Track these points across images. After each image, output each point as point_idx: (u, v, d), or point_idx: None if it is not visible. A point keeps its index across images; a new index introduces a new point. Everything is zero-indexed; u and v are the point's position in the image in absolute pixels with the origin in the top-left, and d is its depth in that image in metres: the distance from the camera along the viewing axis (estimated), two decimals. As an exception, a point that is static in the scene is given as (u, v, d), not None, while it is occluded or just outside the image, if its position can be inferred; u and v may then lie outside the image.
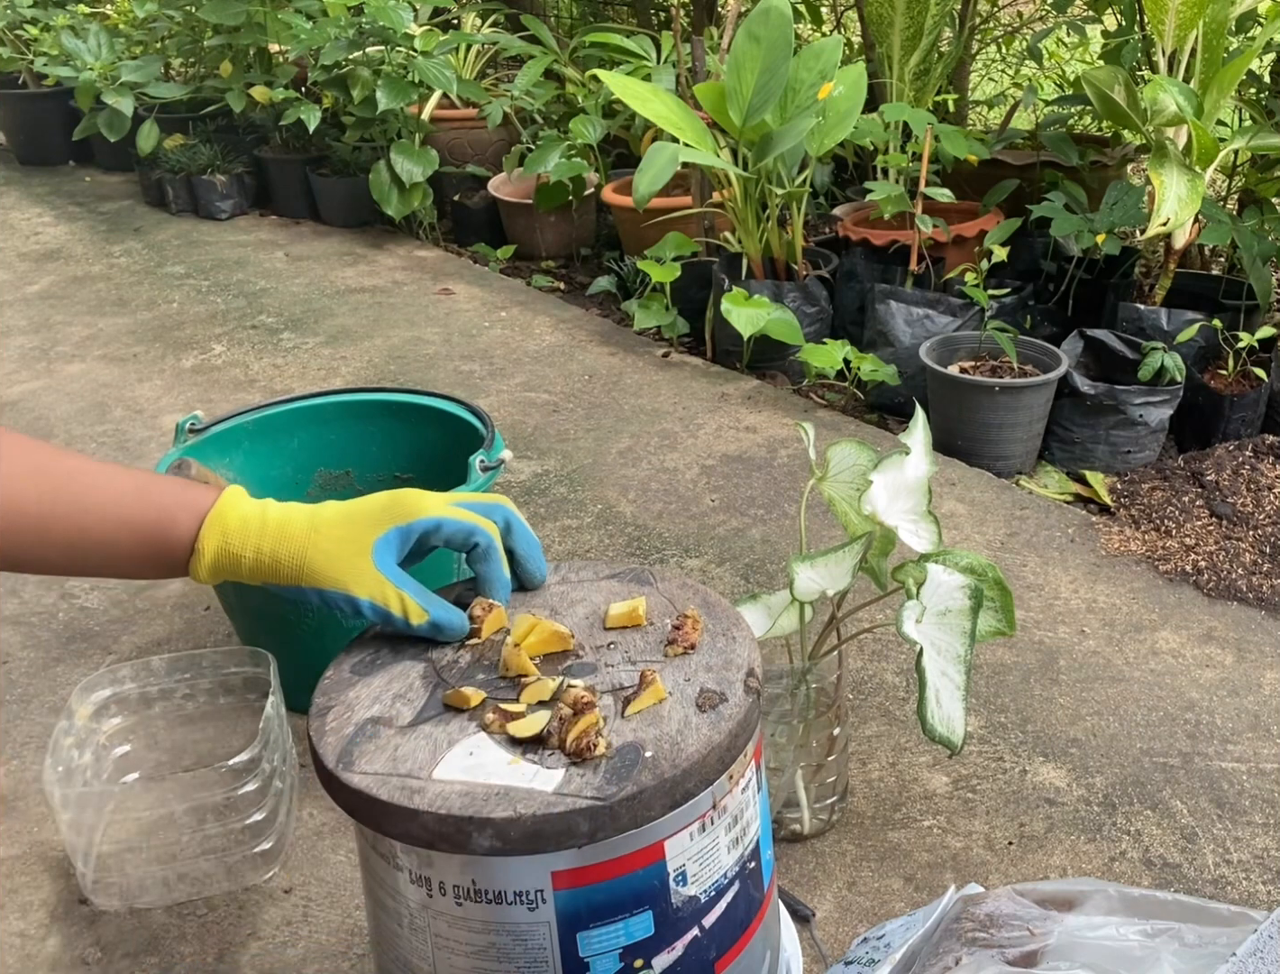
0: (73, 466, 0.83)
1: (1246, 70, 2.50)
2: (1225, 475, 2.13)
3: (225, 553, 0.83)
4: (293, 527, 0.83)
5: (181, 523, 0.83)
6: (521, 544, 0.90)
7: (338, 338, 2.96)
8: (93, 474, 0.83)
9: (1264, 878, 1.31)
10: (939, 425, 2.29)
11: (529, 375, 2.71)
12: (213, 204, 4.01)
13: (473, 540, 0.84)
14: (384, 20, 3.33)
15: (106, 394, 2.67)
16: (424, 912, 0.76)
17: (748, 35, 2.51)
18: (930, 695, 1.09)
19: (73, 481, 0.81)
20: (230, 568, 0.83)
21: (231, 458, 1.61)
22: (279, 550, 0.82)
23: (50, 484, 0.80)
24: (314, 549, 0.82)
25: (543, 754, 0.75)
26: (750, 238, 2.72)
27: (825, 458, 1.28)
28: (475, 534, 0.84)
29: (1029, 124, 3.82)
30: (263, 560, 0.82)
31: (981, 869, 1.33)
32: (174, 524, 0.83)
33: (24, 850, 1.40)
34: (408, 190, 3.47)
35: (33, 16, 4.57)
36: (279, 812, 1.36)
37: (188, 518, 0.83)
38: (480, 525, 0.85)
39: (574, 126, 3.33)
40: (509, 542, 0.89)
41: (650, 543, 2.01)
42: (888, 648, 1.71)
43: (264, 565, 0.82)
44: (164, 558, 0.83)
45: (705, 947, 0.79)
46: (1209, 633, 1.74)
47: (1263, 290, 2.40)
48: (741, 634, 0.86)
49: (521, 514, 0.90)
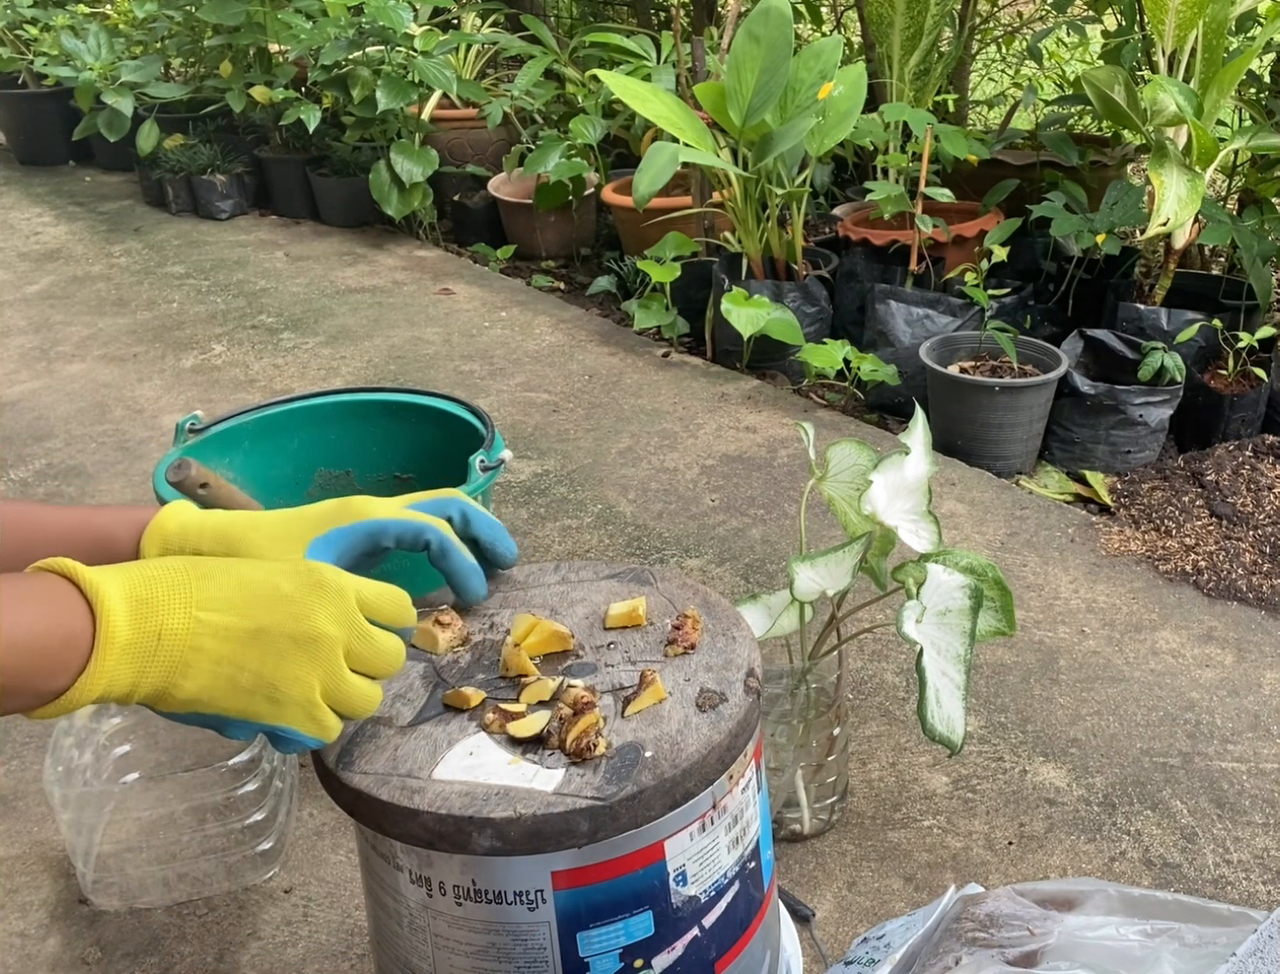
0: (21, 509, 0.84)
1: (1246, 70, 2.50)
2: (1225, 475, 2.13)
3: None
4: (232, 529, 0.83)
5: (121, 538, 0.83)
6: (483, 530, 0.89)
7: (338, 338, 2.97)
8: (40, 512, 0.84)
9: (1264, 878, 1.31)
10: (939, 425, 2.29)
11: (529, 375, 2.71)
12: (213, 204, 4.01)
13: (423, 538, 0.83)
14: (384, 20, 3.33)
15: (106, 394, 2.67)
16: (424, 912, 0.76)
17: (748, 35, 2.52)
18: (930, 695, 1.09)
19: (22, 521, 0.83)
20: None
21: (231, 458, 1.61)
22: (216, 550, 0.82)
23: (0, 525, 0.81)
24: (247, 546, 0.81)
25: (543, 754, 0.75)
26: (750, 238, 2.72)
27: (825, 458, 1.28)
28: (424, 532, 0.83)
29: (1029, 124, 3.82)
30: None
31: (981, 869, 1.33)
32: (114, 541, 0.83)
33: (24, 850, 1.40)
34: (408, 190, 3.47)
35: (33, 16, 4.58)
36: (279, 812, 1.36)
37: (127, 532, 0.83)
38: (428, 523, 0.84)
39: (574, 126, 3.34)
40: (470, 531, 0.88)
41: (650, 543, 2.01)
42: (888, 648, 1.71)
43: None
44: None
45: (705, 947, 0.79)
46: (1209, 633, 1.74)
47: (1263, 290, 2.40)
48: (741, 634, 0.86)
49: (475, 503, 0.89)
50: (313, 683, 0.70)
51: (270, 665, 0.70)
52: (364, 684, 0.73)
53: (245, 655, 0.69)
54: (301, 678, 0.70)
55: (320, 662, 0.70)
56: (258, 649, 0.69)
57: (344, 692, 0.72)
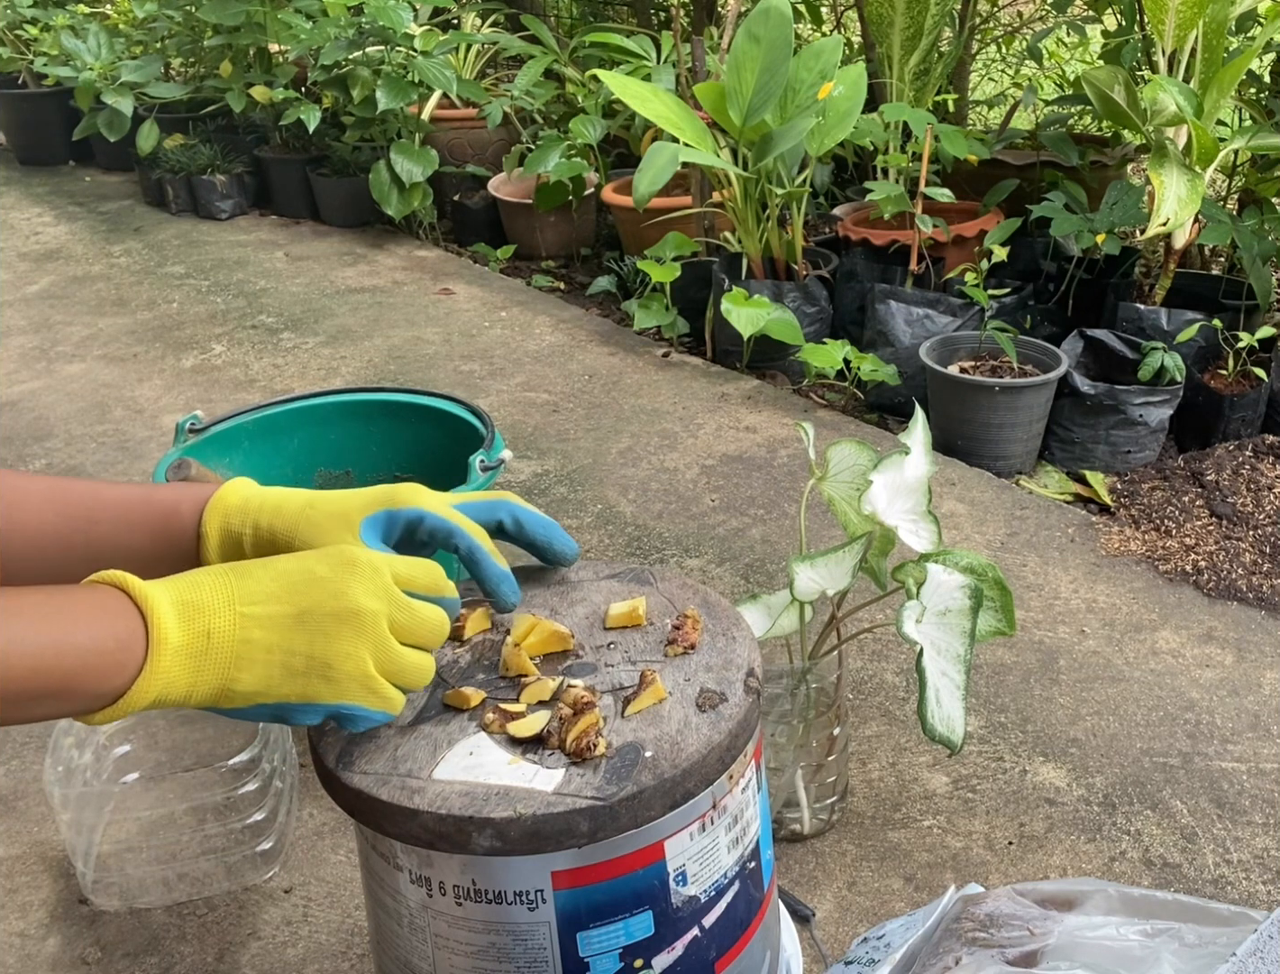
0: (81, 486, 0.87)
1: (1246, 70, 2.50)
2: (1225, 475, 2.13)
3: (227, 532, 0.84)
4: (289, 504, 0.85)
5: (185, 513, 0.85)
6: (538, 532, 0.89)
7: (338, 338, 2.97)
8: (100, 488, 0.87)
9: (1264, 878, 1.31)
10: (939, 425, 2.29)
11: (529, 375, 2.71)
12: (213, 204, 4.01)
13: (452, 542, 0.84)
14: (384, 20, 3.33)
15: (106, 394, 2.67)
16: (424, 912, 0.76)
17: (748, 35, 2.52)
18: (930, 695, 1.09)
19: (85, 498, 0.85)
20: (234, 548, 0.84)
21: (231, 458, 1.61)
22: (275, 524, 0.84)
23: (64, 502, 0.84)
24: (305, 522, 0.84)
25: (543, 754, 0.75)
26: (750, 238, 2.72)
27: (825, 458, 1.28)
28: (454, 536, 0.84)
29: (1029, 124, 3.82)
30: (261, 535, 0.84)
31: (981, 869, 1.33)
32: (178, 516, 0.85)
33: (24, 850, 1.40)
34: (408, 190, 3.47)
35: (33, 16, 4.58)
36: (279, 812, 1.36)
37: (190, 507, 0.85)
38: (461, 528, 0.84)
39: (574, 126, 3.33)
40: (525, 535, 0.89)
41: (650, 543, 2.01)
42: (888, 648, 1.71)
43: (262, 539, 0.84)
44: (175, 551, 0.85)
45: (705, 947, 0.79)
46: (1209, 633, 1.74)
47: (1263, 290, 2.40)
48: (741, 634, 0.86)
49: (527, 504, 0.90)
50: (363, 656, 0.73)
51: (320, 645, 0.72)
52: (414, 654, 0.75)
53: (293, 639, 0.72)
54: (351, 653, 0.72)
55: (366, 635, 0.73)
56: (304, 632, 0.72)
57: (395, 663, 0.74)
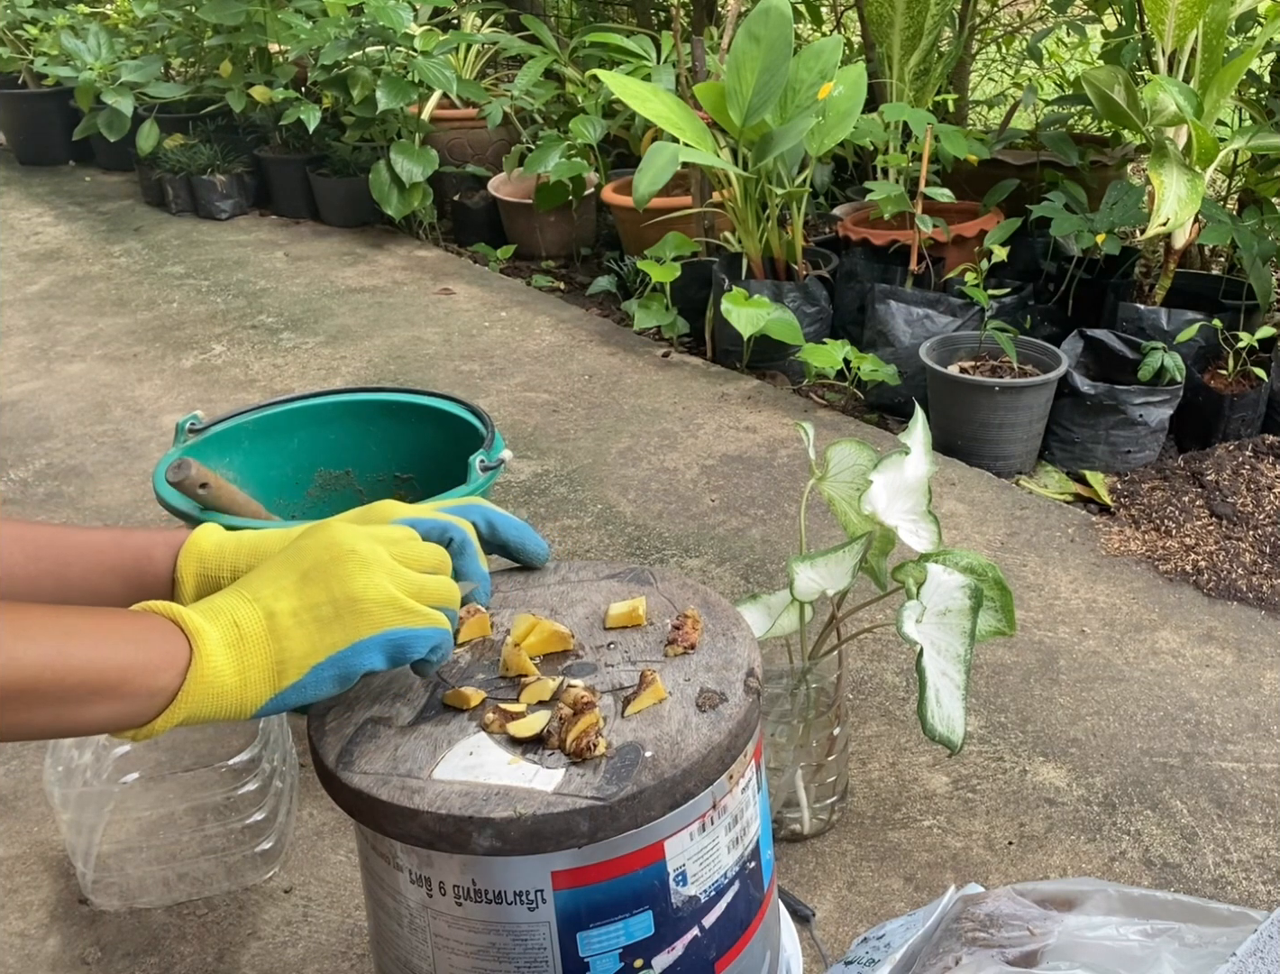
0: (51, 531, 0.86)
1: (1246, 70, 2.50)
2: (1225, 475, 2.13)
3: (204, 578, 0.85)
4: (267, 543, 0.85)
5: (158, 559, 0.85)
6: (510, 533, 0.91)
7: (338, 338, 2.97)
8: (71, 533, 0.87)
9: (1264, 878, 1.31)
10: (939, 425, 2.29)
11: (529, 375, 2.71)
12: (213, 204, 4.01)
13: (447, 536, 0.85)
14: (384, 20, 3.33)
15: (106, 394, 2.67)
16: (424, 912, 0.76)
17: (748, 35, 2.52)
18: (930, 695, 1.09)
19: (54, 542, 0.85)
20: (211, 591, 0.84)
21: (231, 458, 1.61)
22: (252, 564, 0.84)
23: (34, 546, 0.84)
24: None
25: (543, 754, 0.75)
26: (750, 238, 2.72)
27: (825, 458, 1.28)
28: (449, 530, 0.85)
29: (1029, 124, 3.82)
30: (240, 577, 0.83)
31: (981, 869, 1.33)
32: (151, 561, 0.85)
33: (24, 850, 1.40)
34: (408, 190, 3.47)
35: (33, 16, 4.57)
36: (279, 812, 1.36)
37: (163, 552, 0.86)
38: (453, 522, 0.86)
39: (574, 126, 3.33)
40: (498, 537, 0.90)
41: (650, 543, 2.01)
42: (888, 648, 1.71)
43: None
44: (148, 595, 0.84)
45: (705, 946, 0.79)
46: (1209, 633, 1.74)
47: (1263, 290, 2.40)
48: (741, 634, 0.86)
49: (498, 508, 0.91)
50: (381, 582, 0.75)
51: (336, 587, 0.75)
52: (429, 576, 0.78)
53: (309, 594, 0.75)
54: (369, 582, 0.75)
55: (372, 563, 0.76)
56: (314, 585, 0.75)
57: (414, 582, 0.77)
